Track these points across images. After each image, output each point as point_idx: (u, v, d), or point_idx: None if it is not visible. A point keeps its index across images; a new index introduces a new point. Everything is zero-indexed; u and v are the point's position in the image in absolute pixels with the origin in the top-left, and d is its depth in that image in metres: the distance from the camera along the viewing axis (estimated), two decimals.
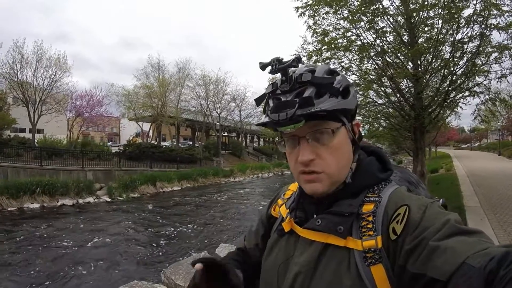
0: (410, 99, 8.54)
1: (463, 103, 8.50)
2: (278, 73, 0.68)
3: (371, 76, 8.82)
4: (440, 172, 18.73)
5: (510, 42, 6.99)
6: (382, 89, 8.93)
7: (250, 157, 37.21)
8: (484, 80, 7.72)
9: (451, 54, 7.47)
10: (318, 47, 8.78)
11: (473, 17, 6.88)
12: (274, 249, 0.77)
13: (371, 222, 0.63)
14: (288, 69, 0.67)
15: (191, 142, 38.19)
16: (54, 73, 19.98)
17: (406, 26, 8.25)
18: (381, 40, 8.18)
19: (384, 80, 8.61)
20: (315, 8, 8.48)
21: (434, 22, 7.78)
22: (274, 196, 0.94)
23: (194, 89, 30.88)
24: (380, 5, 7.88)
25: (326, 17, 8.59)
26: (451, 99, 8.26)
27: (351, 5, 8.05)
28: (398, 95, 8.68)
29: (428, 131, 9.66)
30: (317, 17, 8.62)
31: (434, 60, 7.91)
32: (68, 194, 13.79)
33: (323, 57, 8.65)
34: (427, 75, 8.05)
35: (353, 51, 8.52)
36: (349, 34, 8.36)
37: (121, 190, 15.74)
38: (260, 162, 35.16)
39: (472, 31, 7.13)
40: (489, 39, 7.14)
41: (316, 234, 0.68)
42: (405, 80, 8.54)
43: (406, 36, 8.38)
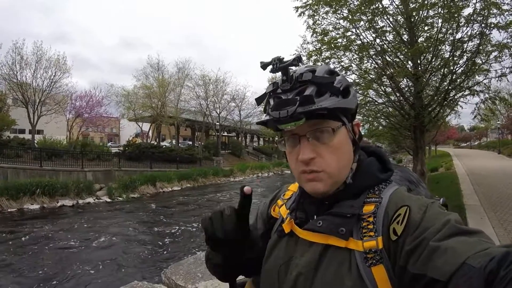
0: (410, 98, 8.54)
1: (463, 102, 8.51)
2: (279, 73, 0.68)
3: (371, 76, 8.81)
4: (440, 171, 18.74)
5: (510, 41, 6.99)
6: (382, 88, 8.93)
7: (250, 157, 37.19)
8: (484, 79, 7.71)
9: (451, 53, 7.47)
10: (317, 47, 8.77)
11: (473, 16, 6.87)
12: (274, 250, 0.77)
13: (371, 223, 0.62)
14: (289, 68, 0.67)
15: (190, 142, 38.16)
16: (53, 74, 19.99)
17: (406, 25, 8.24)
18: (381, 39, 8.17)
19: (384, 79, 8.60)
20: (314, 8, 8.48)
21: (434, 21, 7.77)
22: (273, 195, 0.93)
23: (193, 89, 30.92)
24: (380, 5, 7.87)
25: (325, 16, 8.59)
26: (451, 98, 8.26)
27: (350, 5, 8.04)
28: (398, 94, 8.68)
29: (428, 130, 9.65)
30: (317, 17, 8.61)
31: (434, 59, 7.90)
32: (68, 195, 13.81)
33: (322, 56, 8.64)
34: (427, 74, 8.04)
35: (353, 51, 8.51)
36: (348, 33, 8.35)
37: (121, 191, 15.76)
38: (260, 162, 35.16)
39: (472, 30, 7.12)
40: (489, 38, 7.14)
41: (316, 235, 0.67)
42: (405, 79, 8.53)
43: (406, 35, 8.37)
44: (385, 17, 8.09)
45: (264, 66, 0.71)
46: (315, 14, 8.55)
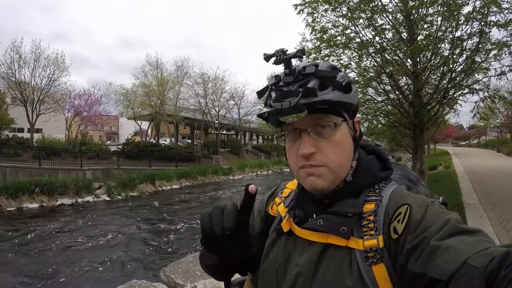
0: (409, 96, 8.55)
1: (462, 100, 8.54)
2: (280, 66, 0.68)
3: (370, 74, 8.82)
4: (439, 170, 18.77)
5: (510, 39, 7.00)
6: (381, 86, 8.94)
7: (249, 155, 37.22)
8: (484, 77, 7.75)
9: (451, 51, 7.48)
10: (317, 45, 8.78)
11: (472, 14, 6.88)
12: (272, 249, 0.75)
13: (372, 221, 0.62)
14: (292, 61, 0.67)
15: (190, 141, 38.17)
16: (52, 73, 20.03)
17: (405, 23, 8.25)
18: (380, 37, 8.18)
19: (383, 78, 8.61)
20: (314, 6, 8.48)
21: (434, 19, 7.79)
22: (271, 192, 0.91)
23: (192, 87, 30.93)
24: (379, 2, 7.87)
25: (325, 14, 8.59)
26: (450, 96, 8.27)
27: (350, 2, 8.04)
28: (397, 92, 8.69)
29: (427, 128, 9.67)
30: (316, 15, 8.61)
31: (433, 57, 7.91)
32: (67, 194, 13.81)
33: (322, 54, 8.65)
34: (426, 72, 8.05)
35: (352, 49, 8.52)
36: (348, 31, 8.36)
37: (120, 189, 15.75)
38: (259, 160, 35.16)
39: (472, 28, 7.14)
40: (488, 36, 7.16)
41: (316, 234, 0.66)
42: (404, 77, 8.55)
43: (405, 33, 8.38)
44: (385, 15, 8.10)
45: (267, 58, 0.70)
46: (314, 11, 8.55)
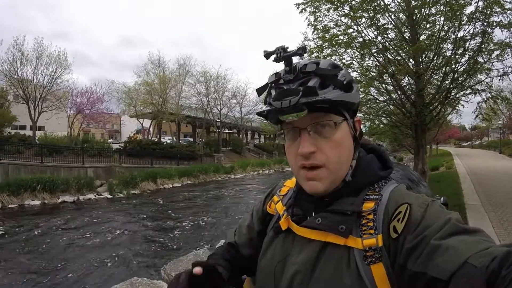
0: (411, 97, 8.52)
1: (465, 100, 8.50)
2: (282, 63, 0.67)
3: (372, 73, 8.79)
4: (441, 170, 18.74)
5: None
6: (383, 86, 8.92)
7: (250, 154, 37.21)
8: (486, 78, 7.70)
9: (453, 52, 7.45)
10: (319, 44, 8.75)
11: (475, 14, 6.85)
12: (270, 247, 0.76)
13: (371, 220, 0.62)
14: (292, 58, 0.66)
15: (191, 139, 38.18)
16: (54, 70, 19.95)
17: (407, 23, 8.21)
18: (382, 37, 8.15)
19: (385, 77, 8.58)
20: (316, 5, 8.45)
21: (436, 19, 7.75)
22: (269, 191, 0.92)
23: (194, 85, 30.87)
24: (382, 2, 7.85)
25: (327, 13, 8.56)
26: (452, 96, 8.24)
27: (352, 2, 8.01)
28: (399, 92, 8.66)
29: (429, 128, 9.64)
30: (318, 14, 8.59)
31: (435, 57, 7.89)
32: (69, 191, 13.86)
33: (324, 53, 8.62)
34: (429, 73, 8.02)
35: (354, 48, 8.49)
36: (350, 30, 8.33)
37: (122, 187, 15.77)
38: (261, 159, 35.13)
39: (474, 28, 7.10)
40: (491, 37, 7.12)
41: (314, 232, 0.66)
42: (407, 77, 8.52)
43: (408, 33, 8.35)
44: (387, 15, 8.07)
45: (267, 55, 0.69)
46: (316, 11, 8.53)
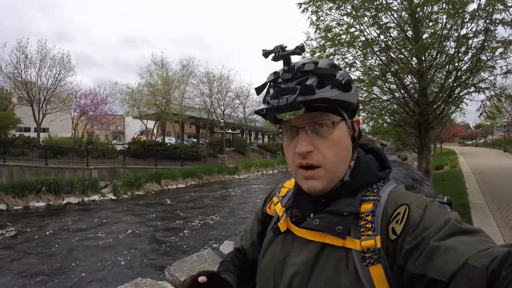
0: (414, 95, 8.49)
1: (468, 99, 8.46)
2: (280, 62, 0.67)
3: (375, 72, 8.78)
4: (445, 169, 18.60)
5: None
6: (386, 85, 8.89)
7: (254, 154, 37.16)
8: (489, 75, 7.66)
9: (456, 50, 7.41)
10: (321, 43, 8.75)
11: (477, 12, 6.81)
12: (269, 248, 0.76)
13: (370, 221, 0.61)
14: (291, 57, 0.66)
15: (195, 140, 38.22)
16: (58, 72, 20.05)
17: (410, 21, 8.19)
18: (385, 35, 8.13)
19: (389, 76, 8.56)
20: (318, 4, 8.46)
21: (439, 17, 7.72)
22: (269, 193, 0.92)
23: (198, 86, 30.88)
24: (384, 1, 7.83)
25: (329, 12, 8.57)
26: (456, 95, 8.20)
27: (354, 1, 8.00)
28: (402, 91, 8.63)
29: (433, 127, 9.60)
30: (320, 13, 8.59)
31: (438, 55, 7.85)
32: (73, 193, 13.92)
33: (326, 53, 8.61)
34: (432, 71, 7.99)
35: (356, 47, 8.48)
36: (352, 29, 8.32)
37: (126, 188, 15.82)
38: (265, 159, 35.10)
39: (477, 26, 7.07)
40: (494, 34, 7.08)
41: (313, 233, 0.66)
42: (410, 76, 8.49)
43: (410, 31, 8.33)
44: (389, 13, 8.05)
45: (266, 54, 0.70)
46: (318, 10, 8.54)
